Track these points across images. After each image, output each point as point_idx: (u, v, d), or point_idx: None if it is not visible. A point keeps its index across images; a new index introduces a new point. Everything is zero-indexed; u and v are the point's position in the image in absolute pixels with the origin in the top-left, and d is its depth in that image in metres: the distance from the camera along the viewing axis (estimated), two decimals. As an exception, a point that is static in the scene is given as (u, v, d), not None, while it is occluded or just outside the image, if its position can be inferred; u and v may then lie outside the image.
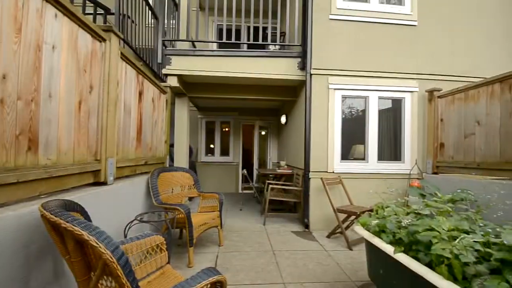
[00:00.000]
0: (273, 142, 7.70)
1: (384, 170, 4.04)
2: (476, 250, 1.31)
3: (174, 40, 4.27)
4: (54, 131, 1.60)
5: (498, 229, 1.52)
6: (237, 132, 7.57)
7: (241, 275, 2.51)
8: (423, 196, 3.16)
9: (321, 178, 3.76)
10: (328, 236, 3.69)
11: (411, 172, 4.00)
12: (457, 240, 1.34)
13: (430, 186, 3.06)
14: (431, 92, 3.88)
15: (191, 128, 7.04)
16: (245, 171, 6.05)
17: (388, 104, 4.28)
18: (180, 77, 4.21)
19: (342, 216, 3.56)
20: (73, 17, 1.73)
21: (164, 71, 4.09)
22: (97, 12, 3.58)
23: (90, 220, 1.57)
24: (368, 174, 4.01)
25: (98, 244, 0.86)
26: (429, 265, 1.38)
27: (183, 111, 4.62)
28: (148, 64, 5.22)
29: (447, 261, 1.25)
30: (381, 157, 4.13)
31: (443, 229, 1.35)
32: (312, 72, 3.98)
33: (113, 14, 3.57)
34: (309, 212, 4.00)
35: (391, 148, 4.25)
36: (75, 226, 0.90)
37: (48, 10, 1.52)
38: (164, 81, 4.13)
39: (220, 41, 4.33)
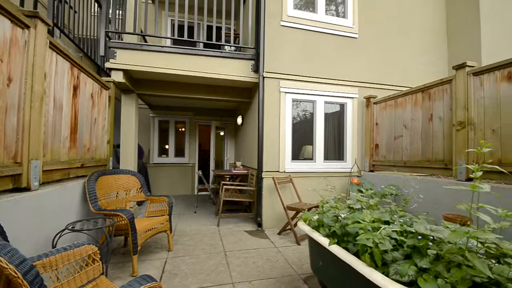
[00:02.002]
0: (230, 143, 7.68)
1: (329, 169, 4.36)
2: (394, 239, 1.49)
3: (119, 33, 3.95)
4: (-45, 129, 1.35)
5: (414, 219, 1.77)
6: (193, 132, 7.37)
7: (190, 279, 2.44)
8: (360, 192, 3.49)
9: (273, 178, 3.89)
10: (279, 233, 3.83)
11: (351, 170, 4.41)
12: (380, 230, 1.51)
13: (366, 182, 3.41)
14: (368, 98, 4.33)
15: (142, 128, 6.63)
16: (200, 172, 5.91)
17: (333, 108, 4.63)
18: (126, 72, 3.93)
19: (292, 213, 3.74)
20: (-17, -2, 1.49)
21: (107, 64, 3.77)
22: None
23: (3, 231, 1.37)
24: (316, 173, 4.28)
25: (-2, 259, 0.75)
26: (357, 254, 1.53)
27: (130, 109, 4.31)
28: (90, 56, 4.77)
29: (369, 249, 1.41)
30: (327, 157, 4.45)
31: (366, 221, 1.52)
32: (264, 75, 4.09)
33: (45, -3, 3.16)
34: (262, 211, 4.09)
35: (335, 149, 4.61)
36: (-32, 240, 0.77)
37: None
38: (109, 76, 3.80)
39: (172, 37, 4.14)
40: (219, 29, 5.19)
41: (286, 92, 4.21)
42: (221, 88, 4.82)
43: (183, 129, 7.35)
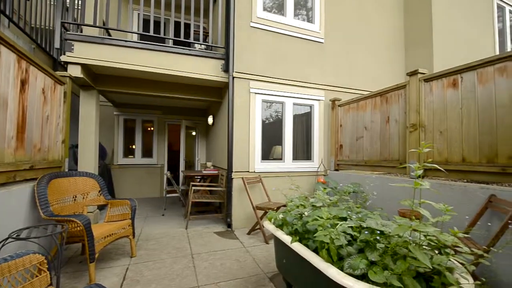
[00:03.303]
0: (201, 143, 7.53)
1: (298, 169, 4.49)
2: (350, 234, 1.58)
3: (77, 24, 3.68)
4: None
5: (369, 215, 1.88)
6: (162, 132, 7.11)
7: (153, 285, 2.35)
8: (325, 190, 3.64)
9: (242, 178, 3.89)
10: (249, 233, 3.85)
11: (318, 170, 4.58)
12: (337, 226, 1.58)
13: (331, 181, 3.56)
14: (333, 101, 4.54)
15: (105, 127, 6.25)
16: (168, 173, 5.72)
17: (302, 110, 4.78)
18: (86, 66, 3.67)
19: (261, 212, 3.78)
20: None
21: (63, 58, 3.48)
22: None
23: None
24: (285, 173, 4.38)
25: None
26: (316, 250, 1.59)
27: (90, 106, 4.03)
28: (44, 49, 4.39)
29: (327, 245, 1.47)
30: (295, 157, 4.58)
31: (323, 218, 1.59)
32: (234, 75, 4.08)
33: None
34: (232, 211, 4.08)
35: (304, 149, 4.76)
36: None
37: None
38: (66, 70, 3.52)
39: (136, 32, 3.95)
40: (188, 26, 5.07)
41: (256, 93, 4.24)
42: (190, 86, 4.71)
43: (151, 129, 7.06)
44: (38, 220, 2.48)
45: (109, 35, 4.73)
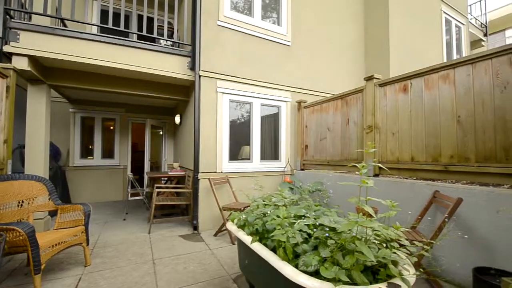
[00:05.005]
0: (169, 143, 7.26)
1: (265, 168, 4.54)
2: (306, 232, 1.62)
3: (24, 12, 3.33)
4: None
5: (326, 212, 1.96)
6: (125, 131, 6.72)
7: (108, 295, 2.21)
8: (291, 189, 3.73)
9: (209, 179, 3.83)
10: (215, 235, 3.80)
11: (285, 169, 4.68)
12: (295, 225, 1.62)
13: (297, 180, 3.67)
14: (299, 103, 4.68)
15: (59, 125, 5.76)
16: (131, 174, 5.43)
17: (269, 111, 4.85)
18: (34, 59, 3.33)
19: (227, 213, 3.74)
20: None
21: (6, 48, 3.12)
22: None
23: None
24: (253, 173, 4.40)
25: None
26: (275, 249, 1.62)
27: (40, 102, 3.66)
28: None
29: (283, 244, 1.50)
30: (263, 157, 4.62)
31: (280, 217, 1.62)
32: (201, 74, 4.01)
33: None
34: (198, 213, 3.99)
35: (271, 149, 4.83)
36: None
37: None
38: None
39: (94, 24, 3.69)
40: (150, 20, 4.86)
41: (223, 93, 4.20)
42: (155, 84, 4.51)
43: (113, 127, 6.63)
44: (-29, 230, 2.19)
45: (65, 25, 4.35)
